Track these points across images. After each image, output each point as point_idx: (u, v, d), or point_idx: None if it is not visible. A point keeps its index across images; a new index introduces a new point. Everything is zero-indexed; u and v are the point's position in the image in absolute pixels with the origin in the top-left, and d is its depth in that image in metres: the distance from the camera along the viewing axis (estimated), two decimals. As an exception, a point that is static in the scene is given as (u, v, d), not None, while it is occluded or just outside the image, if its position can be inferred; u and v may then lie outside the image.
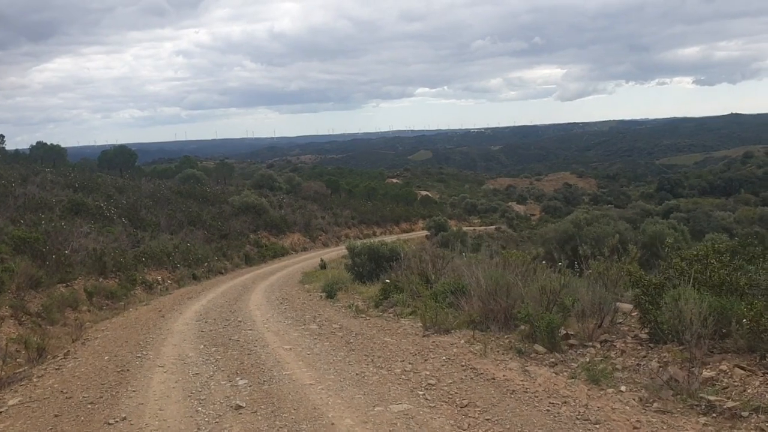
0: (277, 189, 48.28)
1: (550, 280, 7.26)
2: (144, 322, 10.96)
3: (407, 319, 9.47)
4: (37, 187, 25.55)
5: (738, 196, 78.01)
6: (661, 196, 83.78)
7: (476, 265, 9.26)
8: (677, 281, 6.08)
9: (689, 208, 58.78)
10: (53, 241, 15.00)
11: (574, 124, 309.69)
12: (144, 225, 23.39)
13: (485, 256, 10.78)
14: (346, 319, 10.07)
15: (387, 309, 10.82)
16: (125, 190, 30.44)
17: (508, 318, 7.78)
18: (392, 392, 5.58)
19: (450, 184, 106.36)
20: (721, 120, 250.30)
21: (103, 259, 14.81)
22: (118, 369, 7.11)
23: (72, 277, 13.23)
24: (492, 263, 9.55)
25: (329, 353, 7.34)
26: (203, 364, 7.14)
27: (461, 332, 7.89)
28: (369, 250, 15.77)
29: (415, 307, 10.22)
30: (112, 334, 9.84)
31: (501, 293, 7.82)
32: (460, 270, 10.22)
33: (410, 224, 51.24)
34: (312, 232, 37.14)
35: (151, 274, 18.49)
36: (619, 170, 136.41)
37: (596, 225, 21.42)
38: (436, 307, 8.53)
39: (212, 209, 32.50)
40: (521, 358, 6.48)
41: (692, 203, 68.01)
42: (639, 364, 5.66)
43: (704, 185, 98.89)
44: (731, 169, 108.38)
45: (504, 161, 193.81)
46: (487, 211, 72.51)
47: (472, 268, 9.34)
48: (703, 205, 64.14)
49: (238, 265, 25.51)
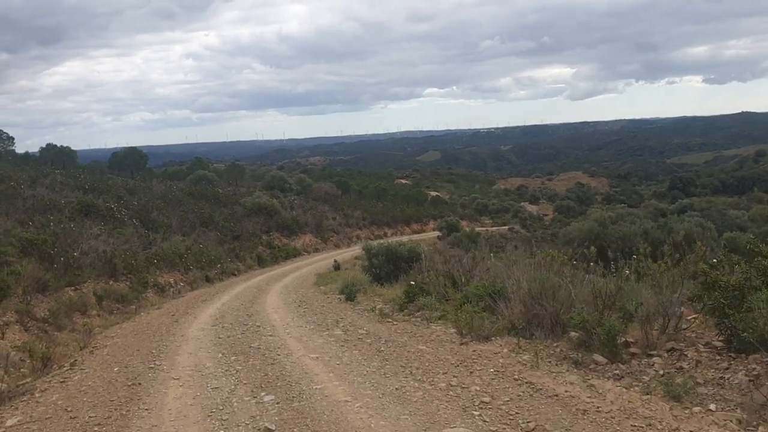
0: (288, 190, 47.75)
1: (606, 282, 6.54)
2: (156, 328, 10.34)
3: (438, 325, 8.78)
4: (46, 188, 25.11)
5: (751, 195, 76.82)
6: (673, 195, 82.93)
7: (514, 266, 8.55)
8: (758, 282, 5.36)
9: (703, 207, 57.83)
10: (62, 243, 14.45)
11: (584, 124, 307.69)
12: (155, 226, 22.83)
13: (521, 257, 10.04)
14: (371, 324, 9.40)
15: (413, 313, 10.14)
16: (136, 192, 29.93)
17: (555, 324, 7.08)
18: (442, 412, 4.87)
19: (460, 185, 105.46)
20: (731, 119, 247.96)
21: (113, 262, 14.22)
22: (128, 382, 6.45)
23: (81, 280, 12.64)
24: (529, 264, 8.85)
25: (361, 363, 6.66)
26: (223, 376, 6.47)
27: (502, 339, 7.20)
28: (387, 250, 15.09)
29: (444, 312, 9.55)
30: (123, 342, 9.20)
31: (547, 297, 7.12)
32: (493, 271, 9.51)
33: (421, 225, 50.63)
34: (323, 233, 36.55)
35: (163, 276, 17.92)
36: (631, 169, 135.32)
37: (621, 224, 20.62)
38: (472, 312, 7.84)
39: (224, 210, 31.97)
40: (579, 369, 5.77)
41: (706, 202, 66.98)
42: (723, 378, 4.95)
43: (717, 184, 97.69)
44: (744, 168, 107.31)
45: (514, 161, 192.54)
46: (499, 211, 71.60)
47: (511, 269, 8.66)
48: (716, 204, 63.16)
49: (250, 266, 24.94)
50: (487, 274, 9.89)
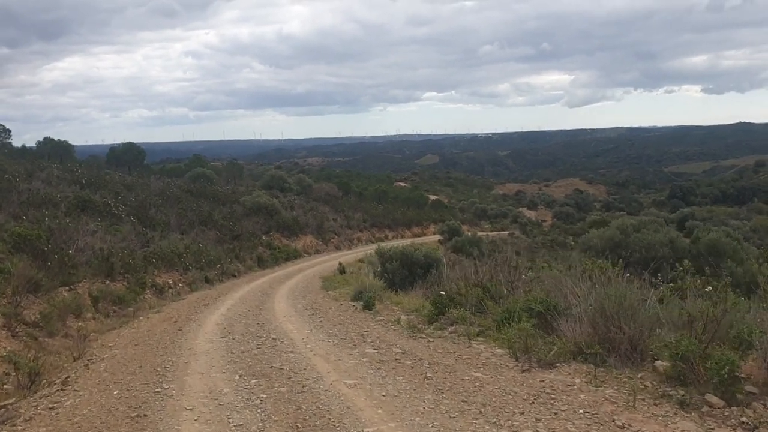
0: (288, 190, 46.59)
1: (708, 303, 5.48)
2: (159, 337, 9.24)
3: (480, 343, 7.70)
4: (42, 182, 24.00)
5: (751, 205, 76.57)
6: (673, 204, 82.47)
7: (576, 278, 7.49)
8: None
9: (704, 217, 57.17)
10: (57, 239, 13.34)
11: (582, 131, 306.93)
12: (153, 224, 21.70)
13: (576, 266, 8.94)
14: (403, 340, 8.30)
15: (445, 327, 9.06)
16: (134, 188, 28.74)
17: (633, 349, 6.04)
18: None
19: (458, 189, 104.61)
20: (729, 129, 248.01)
21: (110, 260, 13.09)
22: (132, 413, 5.33)
23: (76, 279, 11.51)
24: (583, 275, 7.79)
25: (411, 395, 5.55)
26: (245, 408, 5.37)
27: (569, 366, 6.14)
28: (402, 255, 13.98)
29: (483, 327, 8.49)
30: (122, 354, 8.08)
31: (625, 317, 6.07)
32: (545, 282, 8.45)
33: (422, 228, 49.70)
34: (324, 235, 35.44)
35: (162, 276, 16.82)
36: (628, 177, 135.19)
37: (645, 232, 19.59)
38: (527, 332, 6.79)
39: (223, 209, 30.83)
40: (688, 413, 4.71)
41: (707, 211, 66.31)
42: None
43: (717, 193, 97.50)
44: (744, 178, 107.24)
45: (511, 166, 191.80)
46: (497, 216, 70.63)
47: (564, 281, 7.61)
48: (717, 214, 62.47)
49: (251, 267, 23.83)
50: (536, 286, 8.79)
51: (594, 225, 66.23)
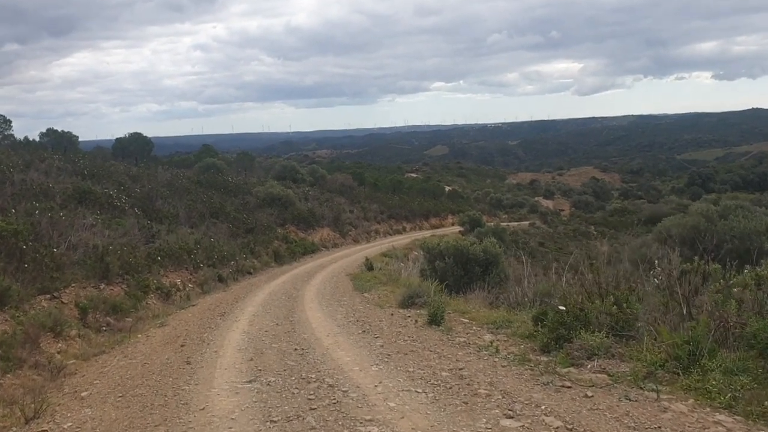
0: (301, 181, 44.69)
1: None
2: (159, 376, 6.91)
3: (672, 399, 4.99)
4: (41, 173, 22.20)
5: (773, 191, 74.38)
6: (693, 191, 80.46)
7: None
8: None
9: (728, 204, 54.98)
10: (45, 234, 11.48)
11: (592, 119, 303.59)
12: (160, 217, 19.83)
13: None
14: (538, 392, 5.49)
15: (581, 362, 6.16)
16: (139, 179, 26.80)
17: None
18: None
19: (471, 179, 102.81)
20: (741, 115, 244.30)
21: (105, 260, 11.11)
22: None
23: (61, 284, 9.49)
24: None
25: None
26: None
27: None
28: (456, 250, 11.94)
29: (651, 365, 5.61)
30: (100, 412, 5.67)
31: None
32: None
33: (440, 219, 47.94)
34: (342, 227, 33.57)
35: (169, 276, 14.95)
36: (641, 165, 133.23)
37: (733, 218, 17.35)
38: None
39: (235, 200, 28.97)
40: None
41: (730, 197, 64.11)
42: None
43: (737, 180, 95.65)
44: (763, 164, 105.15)
45: (522, 156, 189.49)
46: (513, 206, 68.61)
47: None
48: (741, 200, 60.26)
49: (267, 263, 21.95)
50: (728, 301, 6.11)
51: (615, 213, 64.40)
